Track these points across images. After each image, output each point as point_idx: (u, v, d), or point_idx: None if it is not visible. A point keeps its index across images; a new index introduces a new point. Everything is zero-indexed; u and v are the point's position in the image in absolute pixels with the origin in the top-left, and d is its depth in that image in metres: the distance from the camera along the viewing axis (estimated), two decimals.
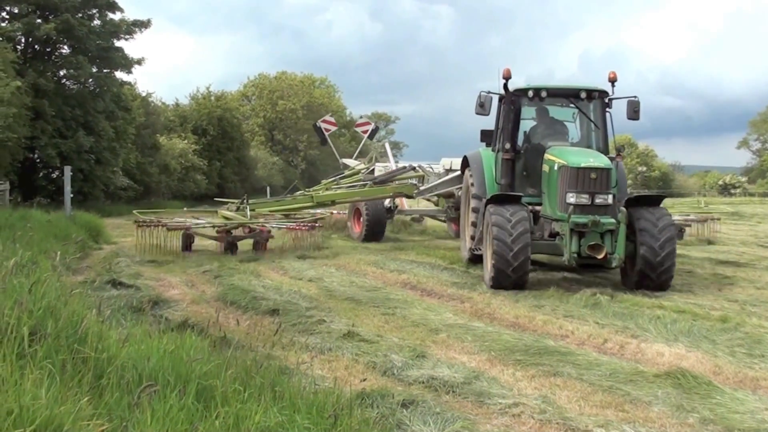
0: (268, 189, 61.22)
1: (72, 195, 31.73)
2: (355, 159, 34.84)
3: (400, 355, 10.32)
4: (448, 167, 27.65)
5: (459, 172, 23.28)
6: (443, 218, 30.23)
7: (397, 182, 28.40)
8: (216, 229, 23.83)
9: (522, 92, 17.88)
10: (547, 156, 17.04)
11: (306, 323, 12.32)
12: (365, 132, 34.85)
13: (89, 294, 11.67)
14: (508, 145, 17.66)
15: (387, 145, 35.23)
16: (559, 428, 7.71)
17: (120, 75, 48.95)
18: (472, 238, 18.70)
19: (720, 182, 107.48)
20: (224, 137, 73.38)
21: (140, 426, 5.80)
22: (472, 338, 11.56)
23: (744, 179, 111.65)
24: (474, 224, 18.66)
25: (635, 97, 17.65)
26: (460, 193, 22.44)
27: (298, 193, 31.94)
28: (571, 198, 15.72)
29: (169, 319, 12.13)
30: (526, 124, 18.97)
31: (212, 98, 75.34)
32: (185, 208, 29.58)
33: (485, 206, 16.74)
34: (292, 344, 10.88)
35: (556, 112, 19.02)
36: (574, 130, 18.88)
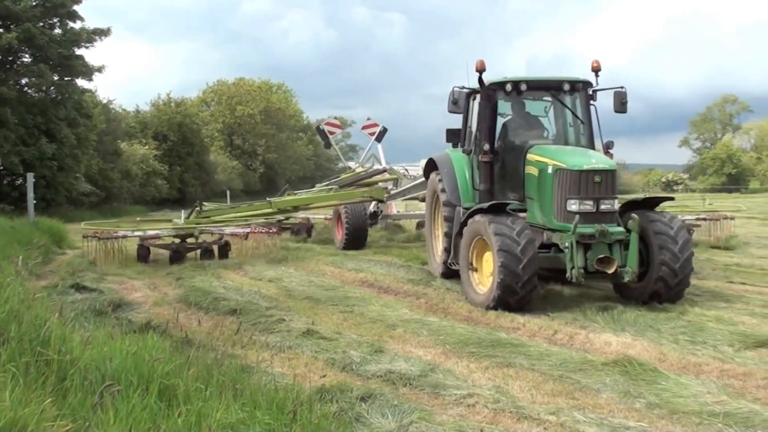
0: (228, 193, 61.06)
1: (35, 201, 31.49)
2: (364, 163, 31.87)
3: (358, 350, 10.54)
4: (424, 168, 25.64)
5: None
6: None
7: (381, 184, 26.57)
8: (169, 238, 22.57)
9: (499, 86, 15.68)
10: (531, 157, 15.13)
11: (266, 322, 12.48)
12: (372, 134, 31.58)
13: (53, 298, 11.75)
14: (487, 146, 15.42)
15: (379, 147, 31.58)
16: (512, 417, 7.94)
17: (81, 83, 48.61)
18: (447, 250, 16.70)
19: (663, 179, 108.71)
20: (184, 143, 73.09)
21: (103, 426, 5.96)
22: (427, 332, 11.81)
23: (686, 176, 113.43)
24: (448, 235, 16.64)
25: (622, 87, 15.89)
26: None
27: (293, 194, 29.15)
28: (573, 205, 13.90)
29: (131, 321, 12.26)
30: (498, 121, 16.68)
31: (172, 104, 75.05)
32: (138, 218, 28.30)
33: (468, 216, 14.86)
34: (252, 343, 11.05)
35: (529, 106, 17.05)
36: (549, 125, 16.85)
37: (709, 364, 9.98)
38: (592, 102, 16.04)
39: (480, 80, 15.56)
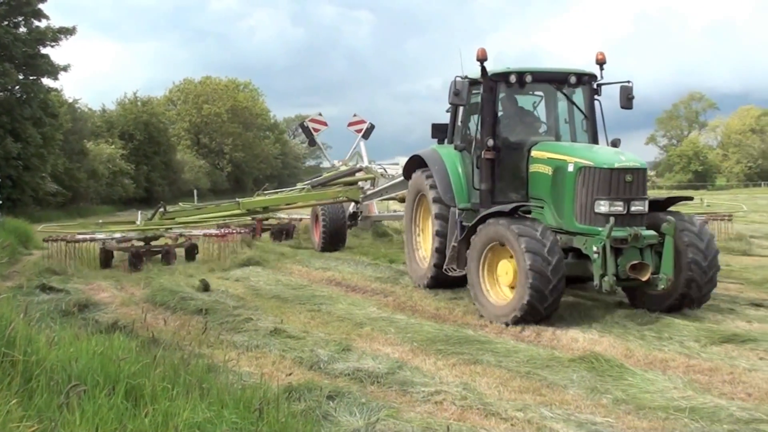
0: (195, 192, 60.82)
1: (1, 202, 31.35)
2: (348, 161, 30.06)
3: (326, 349, 10.54)
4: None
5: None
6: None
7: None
8: (129, 240, 21.10)
9: (501, 77, 14.47)
10: (539, 154, 14.07)
11: (233, 322, 12.46)
12: (359, 131, 29.82)
13: (18, 299, 11.67)
14: (491, 142, 14.18)
15: (362, 144, 29.62)
16: (479, 413, 7.97)
17: (47, 82, 48.39)
18: (439, 252, 15.33)
19: None
20: (151, 142, 72.89)
21: (70, 426, 5.93)
22: (395, 330, 11.86)
23: (653, 173, 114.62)
24: (441, 235, 15.35)
25: (629, 81, 14.80)
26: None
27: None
28: (603, 207, 12.70)
29: (98, 321, 12.19)
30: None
31: (138, 103, 74.81)
32: (101, 220, 27.18)
33: (479, 221, 13.51)
34: (219, 342, 11.04)
35: (520, 100, 15.86)
36: (543, 120, 15.67)
37: (675, 360, 10.08)
38: (596, 97, 15.12)
39: (483, 70, 14.38)
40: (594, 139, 14.99)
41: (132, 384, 7.01)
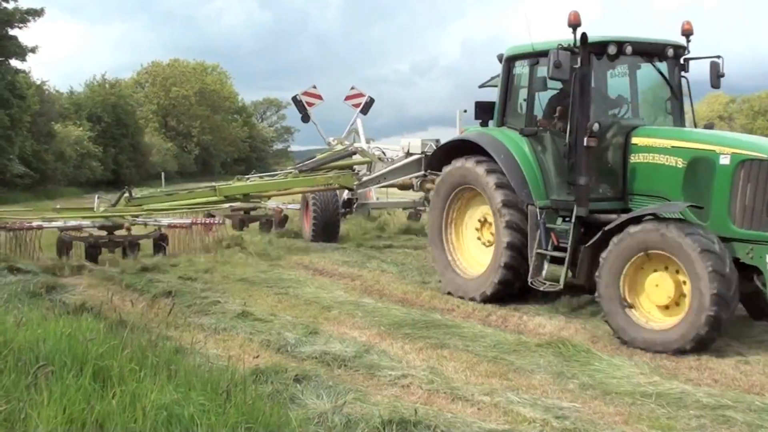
0: (162, 175, 60.58)
1: None
2: (344, 140, 26.26)
3: (293, 332, 10.55)
4: (406, 150, 20.95)
5: (418, 156, 19.80)
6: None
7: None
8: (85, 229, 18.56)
9: (599, 47, 12.12)
10: (648, 142, 12.00)
11: (201, 304, 12.41)
12: (357, 105, 26.83)
13: None
14: (597, 126, 11.80)
15: (359, 122, 26.45)
16: (446, 397, 8.01)
17: (14, 63, 47.93)
18: (511, 267, 12.74)
19: None
20: (119, 124, 72.41)
21: (37, 407, 5.94)
22: (362, 314, 11.86)
23: None
24: (513, 246, 12.67)
25: (719, 57, 12.95)
26: (430, 191, 15.90)
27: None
28: None
29: (65, 303, 12.08)
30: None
31: (107, 86, 74.35)
32: (58, 205, 22.45)
33: (621, 226, 11.04)
34: (187, 325, 11.03)
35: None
36: (624, 99, 13.43)
37: None
38: (683, 74, 13.17)
39: (583, 38, 11.88)
40: (680, 122, 13.17)
41: (99, 365, 7.03)
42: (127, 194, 20.16)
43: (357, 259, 17.51)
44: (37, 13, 47.46)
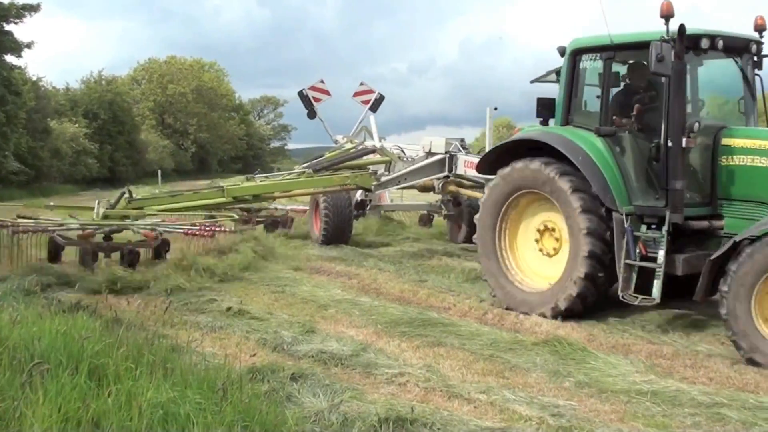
0: (159, 172, 60.47)
1: None
2: (353, 138, 24.64)
3: (289, 331, 10.54)
4: (428, 149, 20.06)
5: (441, 156, 18.87)
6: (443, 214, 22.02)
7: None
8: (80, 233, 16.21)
9: (691, 41, 11.02)
10: (747, 143, 11.12)
11: (197, 302, 12.40)
12: (366, 102, 25.45)
13: None
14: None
15: (372, 119, 24.63)
16: (442, 395, 8.00)
17: (10, 59, 47.87)
18: (591, 279, 11.59)
19: None
20: (115, 121, 72.27)
21: (32, 405, 5.94)
22: (359, 312, 11.84)
23: None
24: (595, 256, 11.52)
25: None
26: (481, 196, 13.71)
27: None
28: None
29: (61, 300, 12.02)
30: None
31: (103, 82, 74.22)
32: (52, 203, 22.37)
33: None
34: (183, 323, 11.03)
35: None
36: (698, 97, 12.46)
37: (637, 345, 10.18)
38: (757, 71, 12.31)
39: (681, 30, 10.71)
40: (754, 122, 12.27)
41: (95, 363, 7.03)
42: (127, 195, 18.03)
43: (354, 258, 17.50)
44: (33, 8, 47.36)
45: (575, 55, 12.45)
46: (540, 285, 12.38)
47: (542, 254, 12.62)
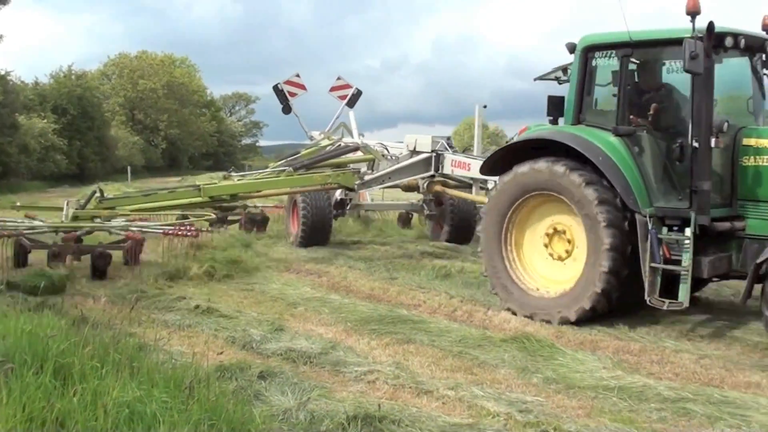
0: (128, 169, 60.19)
1: None
2: (330, 134, 24.07)
3: (258, 329, 10.54)
4: (412, 147, 19.17)
5: (427, 155, 18.16)
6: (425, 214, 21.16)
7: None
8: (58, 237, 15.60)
9: (717, 38, 10.74)
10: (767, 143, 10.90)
11: (165, 301, 12.34)
12: (343, 97, 24.68)
13: None
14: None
15: (351, 115, 24.03)
16: (411, 392, 8.02)
17: None
18: (611, 286, 11.09)
19: None
20: (84, 117, 71.69)
21: None
22: (329, 310, 11.85)
23: None
24: (617, 249, 11.03)
25: None
26: (488, 200, 13.12)
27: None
28: None
29: (26, 299, 11.97)
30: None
31: (73, 77, 73.61)
32: (18, 203, 21.26)
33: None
34: (151, 321, 10.97)
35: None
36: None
37: (604, 341, 10.25)
38: (766, 71, 12.08)
39: (710, 27, 10.45)
40: (761, 122, 11.97)
41: (60, 363, 6.96)
42: (98, 194, 17.11)
43: (324, 256, 17.45)
44: (2, 1, 47.08)
45: (587, 52, 12.06)
46: (554, 290, 11.85)
47: (552, 259, 12.12)
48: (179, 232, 15.22)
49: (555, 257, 12.07)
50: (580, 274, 11.43)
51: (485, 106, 17.91)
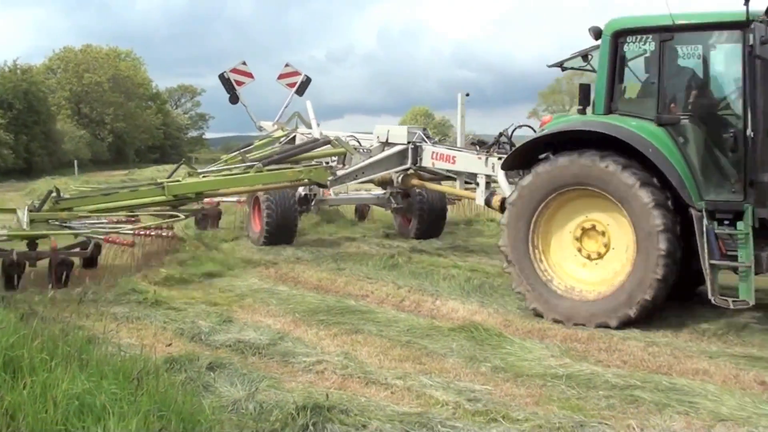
0: (75, 163, 59.66)
1: None
2: (284, 125, 23.02)
3: (207, 321, 10.57)
4: (384, 139, 17.54)
5: (402, 147, 16.57)
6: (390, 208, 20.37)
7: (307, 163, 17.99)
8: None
9: None
10: None
11: (113, 293, 12.26)
12: (292, 85, 23.79)
13: None
14: None
15: (308, 105, 22.45)
16: (360, 382, 8.07)
17: None
18: (666, 281, 10.47)
19: None
20: (30, 111, 71.07)
21: None
22: (277, 302, 11.89)
23: None
24: (671, 255, 10.41)
25: None
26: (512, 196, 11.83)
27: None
28: None
29: None
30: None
31: (18, 72, 72.85)
32: None
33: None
34: (99, 314, 10.90)
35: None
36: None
37: (552, 329, 10.36)
38: None
39: None
40: None
41: (10, 356, 6.93)
42: (54, 194, 15.45)
43: (271, 248, 17.40)
44: None
45: (617, 37, 11.32)
46: (587, 292, 11.06)
47: (585, 258, 11.33)
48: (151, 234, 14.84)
49: (585, 256, 11.32)
50: (624, 279, 10.70)
51: (468, 94, 16.79)
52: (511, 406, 7.34)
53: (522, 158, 12.08)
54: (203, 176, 17.51)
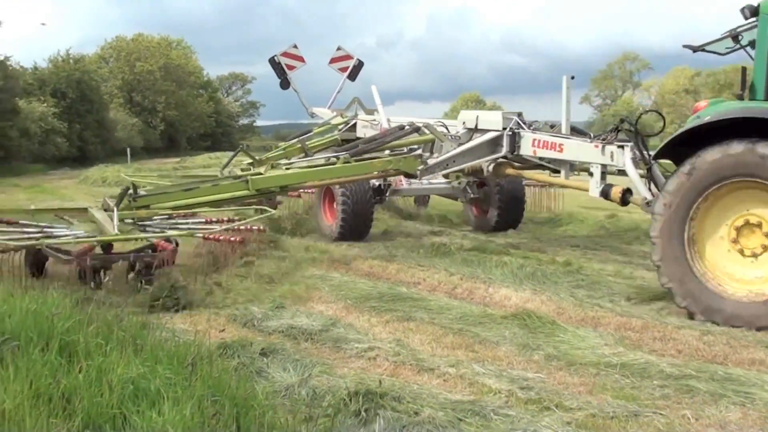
0: (128, 151, 60.17)
1: None
2: (345, 112, 22.04)
3: (259, 307, 10.56)
4: (472, 125, 16.33)
5: (495, 134, 15.27)
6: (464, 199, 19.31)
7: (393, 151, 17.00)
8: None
9: None
10: None
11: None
12: (344, 69, 22.84)
13: None
14: None
15: (374, 89, 20.89)
16: (412, 369, 8.05)
17: None
18: None
19: None
20: (83, 100, 71.69)
21: (4, 382, 5.93)
22: (329, 288, 11.87)
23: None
24: None
25: None
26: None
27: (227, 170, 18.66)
28: None
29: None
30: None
31: (71, 61, 73.56)
32: (33, 205, 17.64)
33: None
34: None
35: None
36: None
37: (606, 317, 10.22)
38: None
39: None
40: None
41: (66, 340, 7.01)
42: (131, 191, 14.10)
43: (322, 234, 17.44)
44: None
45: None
46: (750, 292, 10.05)
47: (742, 255, 10.30)
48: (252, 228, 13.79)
49: (743, 253, 10.30)
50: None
51: (573, 77, 15.79)
52: (564, 394, 7.30)
53: (676, 148, 10.91)
54: (286, 168, 16.45)
